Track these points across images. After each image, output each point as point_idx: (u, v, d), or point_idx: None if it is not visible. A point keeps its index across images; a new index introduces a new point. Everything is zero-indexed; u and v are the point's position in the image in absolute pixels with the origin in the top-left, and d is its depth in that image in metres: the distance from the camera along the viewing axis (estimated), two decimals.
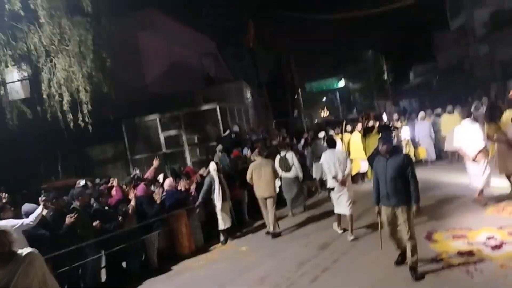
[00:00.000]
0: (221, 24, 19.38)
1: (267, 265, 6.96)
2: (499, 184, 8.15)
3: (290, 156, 9.80)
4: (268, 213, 8.61)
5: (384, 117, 13.50)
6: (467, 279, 4.96)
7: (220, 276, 6.93)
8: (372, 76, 41.76)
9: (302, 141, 13.08)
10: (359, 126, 12.40)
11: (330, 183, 7.57)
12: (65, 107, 10.19)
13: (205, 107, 14.33)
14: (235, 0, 15.12)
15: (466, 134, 7.71)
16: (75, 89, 10.28)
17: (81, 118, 10.32)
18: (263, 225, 9.31)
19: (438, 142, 12.67)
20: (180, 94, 15.54)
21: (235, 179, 9.79)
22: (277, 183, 8.93)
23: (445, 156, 12.78)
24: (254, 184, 8.74)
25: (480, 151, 7.57)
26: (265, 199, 8.63)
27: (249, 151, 11.68)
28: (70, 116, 10.24)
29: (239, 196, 9.84)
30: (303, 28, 27.72)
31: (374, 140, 10.47)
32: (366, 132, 11.91)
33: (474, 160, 7.66)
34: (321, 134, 12.17)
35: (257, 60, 15.78)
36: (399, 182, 5.26)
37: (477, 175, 7.69)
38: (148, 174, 9.38)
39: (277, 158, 9.77)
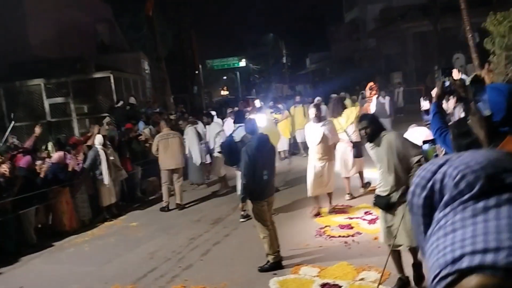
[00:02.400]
0: None
1: (158, 240, 6.84)
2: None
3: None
4: (175, 184, 8.56)
5: (257, 103, 12.77)
6: (345, 250, 5.40)
7: (107, 251, 6.66)
8: (272, 59, 42.88)
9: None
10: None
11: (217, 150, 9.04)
12: None
13: (97, 75, 13.39)
14: None
15: (310, 132, 6.96)
16: None
17: None
18: (156, 200, 9.13)
19: None
20: (70, 60, 14.31)
21: (126, 152, 9.39)
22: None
23: None
24: (160, 156, 8.49)
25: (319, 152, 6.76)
26: (172, 170, 8.50)
27: (144, 125, 11.28)
28: None
29: (131, 171, 9.47)
30: (207, 4, 27.36)
31: None
32: None
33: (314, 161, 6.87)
34: (213, 113, 12.16)
35: (157, 32, 15.10)
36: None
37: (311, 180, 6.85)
38: (28, 143, 8.50)
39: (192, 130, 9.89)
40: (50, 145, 8.35)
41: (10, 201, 6.87)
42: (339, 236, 5.84)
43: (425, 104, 5.73)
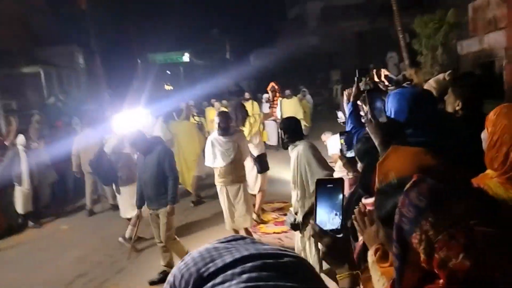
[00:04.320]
0: None
1: (89, 244, 6.61)
2: None
3: None
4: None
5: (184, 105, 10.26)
6: (278, 244, 5.48)
7: (35, 256, 6.35)
8: (216, 54, 42.66)
9: None
10: None
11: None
12: None
13: (27, 70, 12.67)
14: None
15: (214, 148, 5.27)
16: None
17: None
18: None
19: None
20: None
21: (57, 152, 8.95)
22: None
23: None
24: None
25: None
26: None
27: (79, 121, 10.80)
28: None
29: (63, 170, 9.04)
30: None
31: None
32: None
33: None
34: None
35: (93, 24, 14.52)
36: (158, 182, 4.83)
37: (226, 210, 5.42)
38: None
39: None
40: None
41: None
42: (274, 233, 5.94)
43: (341, 116, 5.55)
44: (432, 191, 1.00)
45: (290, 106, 12.07)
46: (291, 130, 3.92)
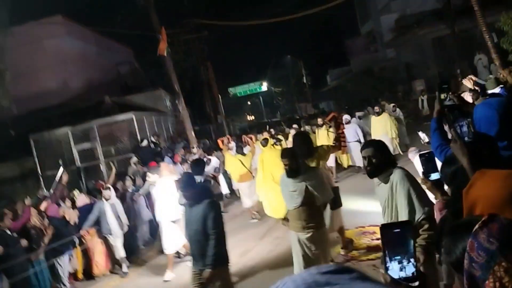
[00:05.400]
0: (137, 32, 18.87)
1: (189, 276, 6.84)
2: None
3: None
4: None
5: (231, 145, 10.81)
6: (373, 273, 5.22)
7: None
8: (292, 80, 43.11)
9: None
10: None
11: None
12: None
13: (121, 117, 13.81)
14: (149, 9, 14.77)
15: (285, 189, 4.60)
16: None
17: None
18: None
19: None
20: (94, 105, 14.87)
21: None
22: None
23: None
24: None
25: None
26: None
27: (171, 161, 11.42)
28: None
29: None
30: (222, 35, 28.07)
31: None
32: None
33: None
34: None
35: (172, 70, 15.46)
36: (202, 239, 4.18)
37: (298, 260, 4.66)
38: (56, 191, 8.72)
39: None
40: (76, 193, 8.57)
41: (43, 252, 7.05)
42: (367, 259, 5.68)
43: (423, 137, 5.13)
44: (504, 231, 0.89)
45: (380, 123, 11.63)
46: (383, 156, 3.16)
